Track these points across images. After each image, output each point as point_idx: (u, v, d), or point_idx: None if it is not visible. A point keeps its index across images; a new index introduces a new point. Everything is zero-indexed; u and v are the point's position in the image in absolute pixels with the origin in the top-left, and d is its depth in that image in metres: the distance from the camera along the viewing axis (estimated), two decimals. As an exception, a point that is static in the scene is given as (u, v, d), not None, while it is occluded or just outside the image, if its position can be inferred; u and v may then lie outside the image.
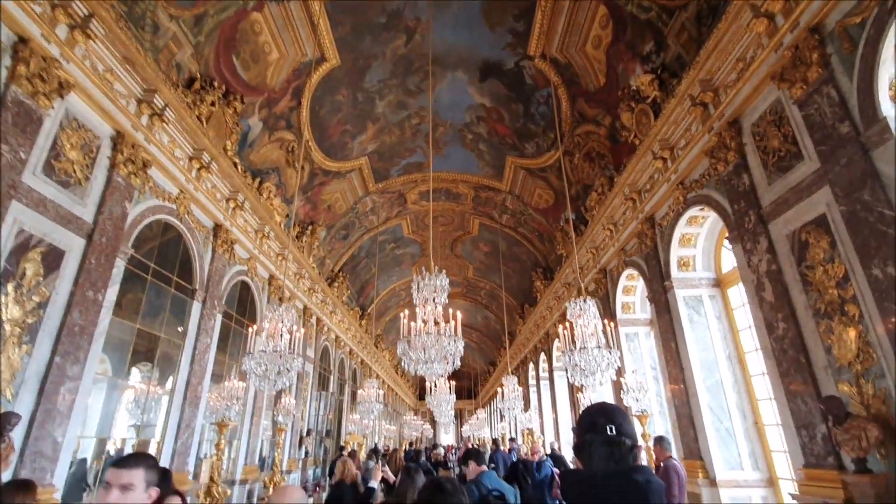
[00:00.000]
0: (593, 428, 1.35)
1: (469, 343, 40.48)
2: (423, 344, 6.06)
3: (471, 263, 23.32)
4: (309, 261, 14.65)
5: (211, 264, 9.37)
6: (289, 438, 13.48)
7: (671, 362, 8.76)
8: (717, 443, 7.70)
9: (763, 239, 6.13)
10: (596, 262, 12.47)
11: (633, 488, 1.20)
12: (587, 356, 6.01)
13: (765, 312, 6.11)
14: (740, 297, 8.17)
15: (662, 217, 9.08)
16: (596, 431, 1.34)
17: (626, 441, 1.33)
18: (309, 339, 15.44)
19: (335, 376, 18.73)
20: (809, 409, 5.39)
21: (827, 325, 5.18)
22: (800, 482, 5.48)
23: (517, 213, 17.23)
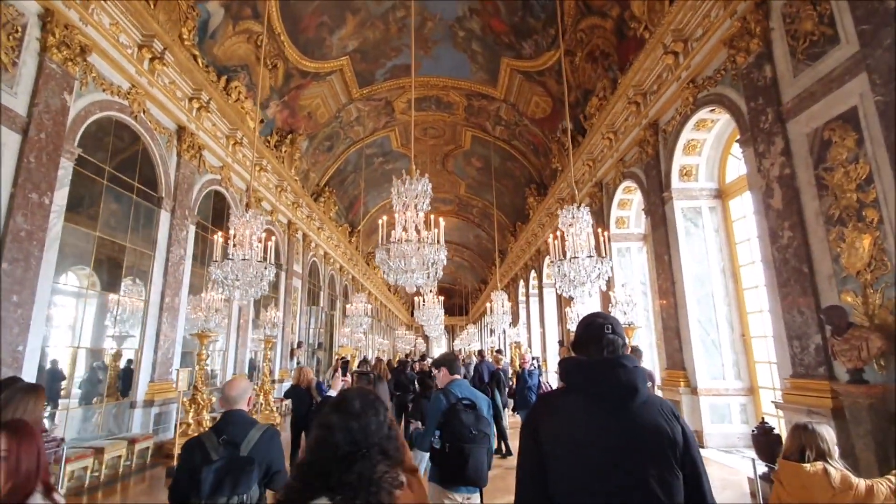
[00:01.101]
0: (591, 328, 1.50)
1: (461, 262, 40.82)
2: (403, 252, 5.65)
3: (463, 180, 22.53)
4: (290, 173, 13.88)
5: (177, 171, 8.67)
6: (279, 350, 13.65)
7: (662, 275, 8.52)
8: (703, 354, 7.67)
9: (779, 140, 5.53)
10: (592, 175, 11.85)
11: (622, 371, 1.35)
12: (577, 266, 5.64)
13: (770, 221, 5.68)
14: (742, 209, 7.73)
15: (668, 122, 8.34)
16: (593, 330, 1.49)
17: (618, 339, 1.47)
18: (296, 254, 15.13)
19: (325, 292, 18.74)
20: (805, 320, 5.15)
21: (838, 233, 4.77)
22: (785, 391, 5.40)
23: (512, 125, 16.22)
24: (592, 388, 1.37)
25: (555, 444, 1.35)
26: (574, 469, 1.31)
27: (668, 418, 1.35)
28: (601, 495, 1.27)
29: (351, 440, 1.16)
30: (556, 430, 1.37)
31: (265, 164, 12.11)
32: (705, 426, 7.38)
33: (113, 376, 7.85)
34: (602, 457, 1.29)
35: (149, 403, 7.50)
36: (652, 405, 1.37)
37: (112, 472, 6.55)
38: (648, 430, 1.31)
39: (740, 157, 7.69)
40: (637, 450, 1.29)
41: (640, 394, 1.35)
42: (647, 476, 1.27)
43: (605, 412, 1.33)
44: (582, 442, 1.31)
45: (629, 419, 1.32)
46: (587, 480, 1.29)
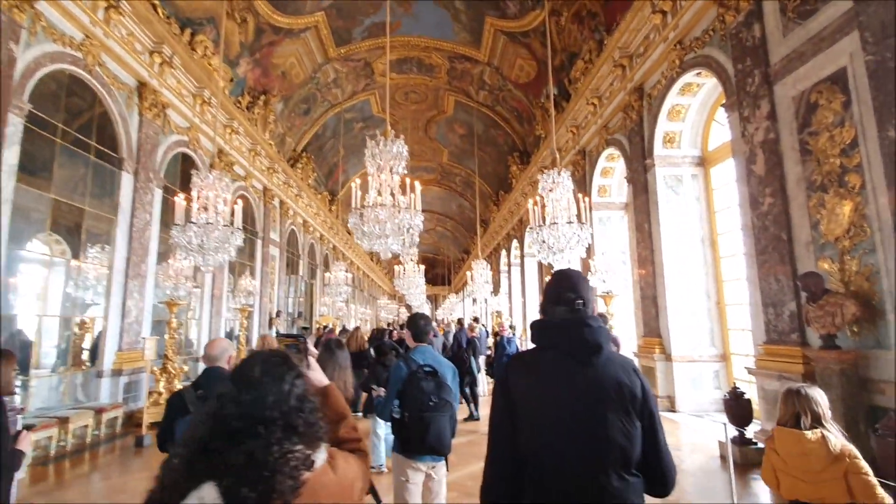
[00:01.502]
0: (558, 300, 1.53)
1: (444, 232, 40.58)
2: (378, 217, 5.43)
3: (445, 147, 22.05)
4: (265, 136, 13.32)
5: (140, 131, 8.17)
6: (257, 320, 13.43)
7: (642, 244, 8.48)
8: (679, 321, 7.72)
9: (765, 103, 5.38)
10: (575, 143, 11.63)
11: (587, 330, 1.43)
12: (557, 232, 5.50)
13: (752, 187, 5.59)
14: (723, 177, 7.65)
15: (653, 86, 8.11)
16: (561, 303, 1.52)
17: (580, 298, 1.52)
18: (272, 221, 14.71)
19: (305, 261, 18.42)
20: (781, 287, 5.14)
21: (819, 199, 4.70)
22: (758, 357, 5.44)
23: (495, 90, 15.77)
24: (561, 346, 1.44)
25: (525, 398, 1.42)
26: (543, 420, 1.39)
27: (628, 374, 1.44)
28: (568, 443, 1.35)
29: (242, 413, 0.94)
30: (527, 386, 1.44)
31: (236, 127, 11.56)
32: (678, 392, 7.51)
33: (79, 345, 7.57)
34: (569, 408, 1.37)
35: (117, 373, 7.28)
36: (614, 362, 1.46)
37: (79, 441, 6.37)
38: (611, 384, 1.39)
39: (724, 123, 7.54)
40: (601, 401, 1.37)
41: (604, 351, 1.44)
42: (610, 425, 1.35)
43: (571, 368, 1.41)
44: (550, 395, 1.39)
45: (594, 374, 1.40)
46: (555, 430, 1.37)
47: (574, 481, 1.35)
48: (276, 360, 1.06)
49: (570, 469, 1.35)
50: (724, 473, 4.84)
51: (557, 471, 1.36)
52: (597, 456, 1.34)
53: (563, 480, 1.35)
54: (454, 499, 4.16)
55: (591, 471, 1.34)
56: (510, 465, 1.42)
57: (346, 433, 1.25)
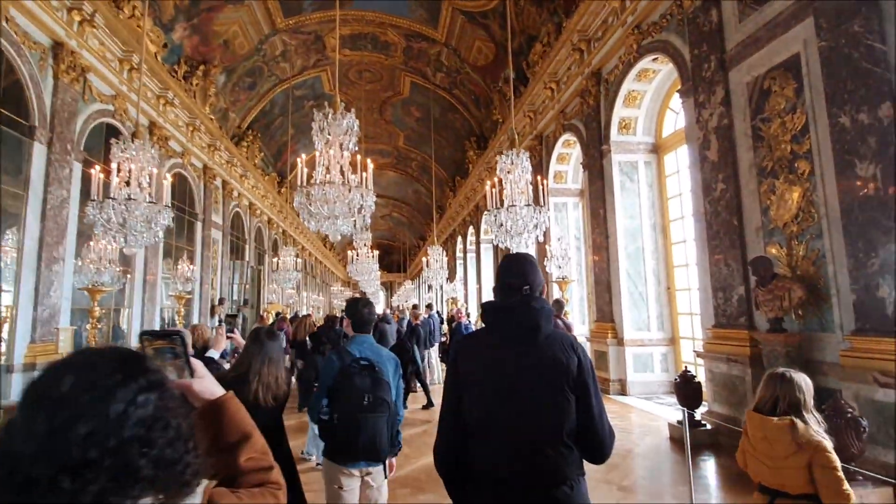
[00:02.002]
0: (505, 284, 1.64)
1: (399, 218, 40.02)
2: (326, 197, 5.03)
3: (402, 131, 21.50)
4: (205, 110, 12.36)
5: (55, 96, 7.24)
6: (197, 307, 12.59)
7: (597, 230, 8.52)
8: (630, 306, 7.83)
9: (719, 89, 5.39)
10: (533, 128, 11.54)
11: (527, 311, 1.53)
12: (515, 215, 5.32)
13: (705, 173, 5.63)
14: (676, 164, 7.76)
15: (610, 71, 8.07)
16: (507, 287, 1.63)
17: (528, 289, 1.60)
18: (214, 203, 13.77)
19: (251, 246, 17.48)
20: (731, 272, 5.22)
21: (770, 185, 4.76)
22: (707, 341, 5.54)
23: (453, 72, 15.41)
24: (504, 327, 1.54)
25: (471, 375, 1.53)
26: (483, 396, 1.48)
27: (565, 350, 1.52)
28: (508, 416, 1.44)
29: (35, 454, 0.59)
30: (473, 364, 1.55)
31: (171, 98, 10.60)
32: (629, 375, 7.64)
33: (-18, 338, 6.69)
34: (509, 384, 1.46)
35: (30, 367, 6.49)
36: (553, 339, 1.54)
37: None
38: (548, 361, 1.47)
39: (678, 110, 7.64)
40: (538, 378, 1.45)
41: (543, 330, 1.51)
42: (543, 399, 1.44)
43: (511, 346, 1.50)
44: (493, 372, 1.48)
45: (533, 352, 1.48)
46: (496, 404, 1.46)
47: (513, 453, 1.43)
48: (103, 366, 0.68)
49: (509, 441, 1.44)
50: (673, 454, 4.91)
51: (498, 443, 1.45)
52: (534, 429, 1.43)
53: (502, 452, 1.44)
54: (406, 496, 3.93)
55: (528, 443, 1.43)
56: (456, 435, 1.53)
57: (250, 461, 0.91)
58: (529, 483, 1.41)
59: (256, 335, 2.23)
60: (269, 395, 2.22)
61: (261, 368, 2.16)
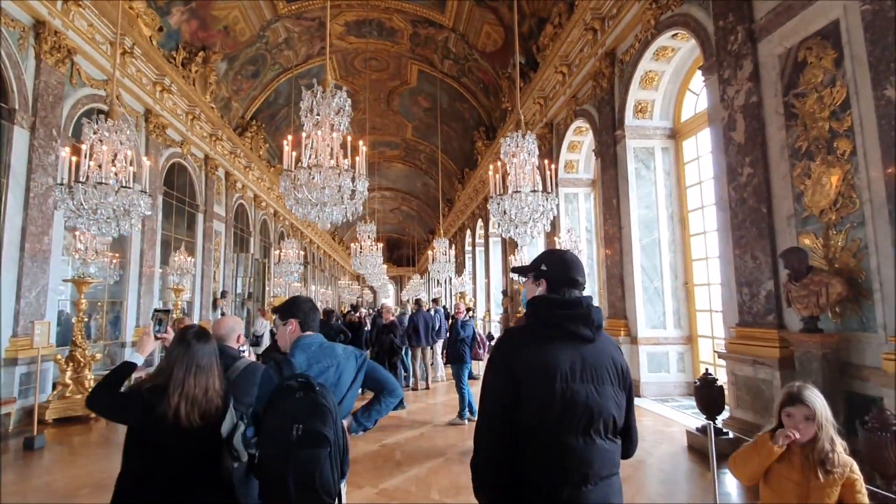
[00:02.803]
0: (569, 281, 1.59)
1: (409, 211, 39.73)
2: (313, 181, 4.65)
3: (409, 122, 21.06)
4: (205, 98, 12.05)
5: (37, 78, 6.96)
6: (199, 300, 12.36)
7: (609, 221, 8.03)
8: (644, 302, 7.35)
9: (747, 63, 4.88)
10: (543, 115, 11.03)
11: (592, 309, 1.53)
12: (520, 202, 4.88)
13: (730, 157, 5.13)
14: (696, 150, 7.24)
15: (625, 51, 7.55)
16: (570, 284, 1.58)
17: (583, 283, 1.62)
18: (217, 194, 13.51)
19: (256, 238, 17.25)
20: (759, 265, 4.73)
21: (804, 168, 4.26)
22: (730, 340, 5.06)
23: (461, 59, 14.92)
24: (568, 324, 1.49)
25: (532, 373, 1.44)
26: (548, 392, 1.42)
27: (618, 351, 1.57)
28: (572, 413, 1.41)
29: None
30: (534, 357, 1.46)
31: (168, 84, 10.30)
32: (642, 375, 7.17)
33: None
34: (575, 380, 1.44)
35: (11, 362, 6.24)
36: (607, 339, 1.57)
37: (-40, 442, 5.39)
38: (608, 360, 1.50)
39: (699, 92, 7.12)
40: (601, 375, 1.47)
41: (602, 329, 1.54)
42: (608, 396, 1.47)
43: (578, 344, 1.48)
44: (558, 368, 1.43)
45: (595, 350, 1.49)
46: (562, 401, 1.41)
47: (572, 446, 1.41)
48: None
49: (571, 434, 1.42)
50: (692, 465, 4.46)
51: (559, 437, 1.42)
52: (595, 423, 1.43)
53: (562, 446, 1.41)
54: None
55: (588, 436, 1.42)
56: (508, 444, 1.43)
57: None
58: (601, 476, 1.42)
59: (182, 336, 1.81)
60: (196, 413, 1.75)
61: (185, 378, 1.72)
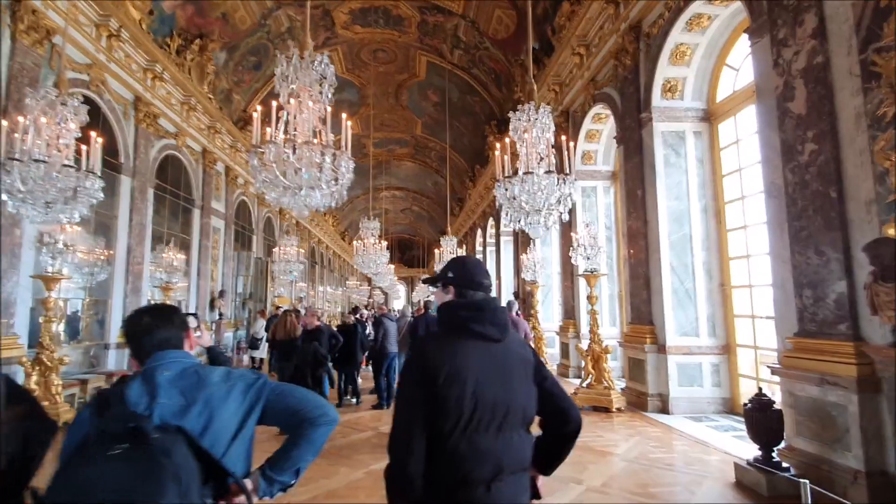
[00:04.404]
0: (475, 284, 1.65)
1: (420, 211, 39.10)
2: (285, 159, 3.93)
3: (419, 117, 20.37)
4: (202, 89, 11.49)
5: (12, 59, 6.43)
6: (194, 300, 11.79)
7: (633, 214, 7.18)
8: (674, 305, 6.49)
9: (810, 17, 4.03)
10: (558, 103, 10.22)
11: (499, 311, 1.58)
12: (532, 185, 4.09)
13: (786, 132, 4.28)
14: (735, 132, 6.37)
15: (653, 23, 6.72)
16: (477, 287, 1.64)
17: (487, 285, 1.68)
18: (215, 189, 12.96)
19: (259, 236, 16.69)
20: (825, 263, 3.87)
21: (890, 139, 3.40)
22: (787, 353, 4.20)
23: (472, 48, 14.18)
24: (477, 326, 1.53)
25: (443, 372, 1.45)
26: (460, 395, 1.43)
27: (524, 347, 1.65)
28: (485, 411, 1.44)
29: None
30: (444, 360, 1.46)
31: (160, 72, 9.73)
32: (672, 389, 6.32)
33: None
34: (486, 380, 1.47)
35: (-31, 365, 5.67)
36: (514, 337, 1.64)
37: None
38: (515, 356, 1.57)
39: (738, 67, 6.26)
40: (510, 372, 1.52)
41: (509, 328, 1.60)
42: (517, 390, 1.52)
43: (487, 344, 1.52)
44: (471, 370, 1.46)
45: (503, 349, 1.55)
46: (470, 402, 1.43)
47: (484, 445, 1.42)
48: None
49: (483, 433, 1.43)
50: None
51: (472, 437, 1.42)
52: (507, 420, 1.46)
53: (474, 445, 1.42)
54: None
55: (500, 432, 1.45)
56: (423, 447, 1.43)
57: None
58: (511, 470, 1.44)
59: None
60: None
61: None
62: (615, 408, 6.52)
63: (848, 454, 3.53)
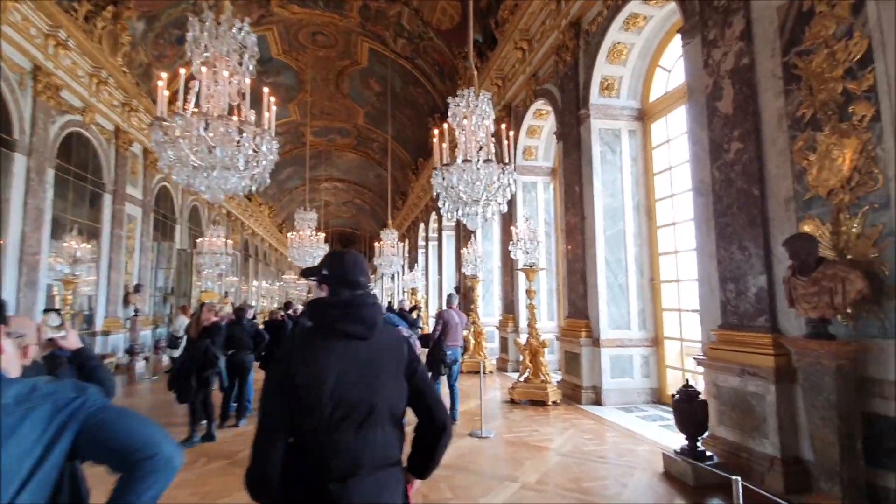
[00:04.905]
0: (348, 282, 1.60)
1: (362, 204, 38.18)
2: (196, 134, 3.49)
3: (361, 107, 19.75)
4: (115, 61, 10.36)
5: None
6: (104, 294, 10.67)
7: (571, 210, 7.26)
8: (608, 300, 6.63)
9: (738, 19, 4.16)
10: (500, 97, 10.18)
11: (368, 309, 1.56)
12: (471, 174, 3.91)
13: (714, 131, 4.40)
14: (665, 132, 6.58)
15: (592, 20, 6.79)
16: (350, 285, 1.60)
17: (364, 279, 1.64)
18: (131, 173, 11.79)
19: (184, 226, 15.47)
20: (748, 258, 4.02)
21: (808, 140, 3.55)
22: (711, 345, 4.34)
23: (415, 38, 13.87)
24: (342, 324, 1.51)
25: (305, 371, 1.45)
26: (320, 394, 1.43)
27: (398, 342, 1.63)
28: (348, 407, 1.44)
29: None
30: (306, 360, 1.48)
31: (65, 39, 8.64)
32: (605, 381, 6.45)
33: None
34: (349, 376, 1.46)
35: None
36: (389, 335, 1.63)
37: None
38: (384, 353, 1.56)
39: (670, 68, 6.45)
40: (376, 369, 1.51)
41: (378, 325, 1.58)
42: (382, 387, 1.50)
43: (352, 343, 1.51)
44: (330, 370, 1.45)
45: (370, 346, 1.53)
46: (330, 401, 1.42)
47: (343, 442, 1.42)
48: None
49: (343, 431, 1.42)
50: (673, 496, 3.67)
51: (331, 435, 1.42)
52: (371, 416, 1.45)
53: (333, 444, 1.41)
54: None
55: (361, 429, 1.44)
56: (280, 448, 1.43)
57: None
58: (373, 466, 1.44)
59: None
60: None
61: None
62: (551, 401, 6.57)
63: (766, 441, 3.68)
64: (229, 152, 3.52)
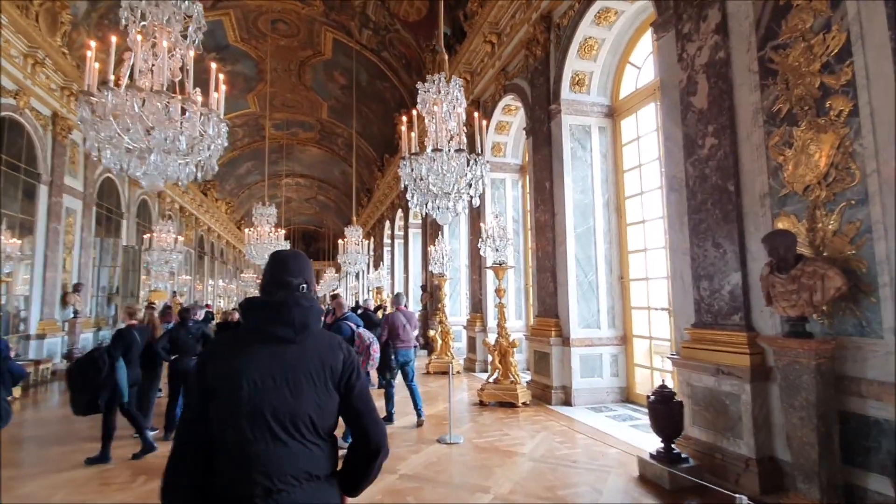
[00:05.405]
0: (281, 283, 1.51)
1: (326, 202, 37.24)
2: (130, 112, 3.08)
3: (325, 100, 19.12)
4: (54, 42, 9.50)
5: None
6: (38, 294, 9.78)
7: (542, 206, 7.13)
8: (578, 298, 6.53)
9: (714, 12, 4.09)
10: (469, 92, 9.96)
11: (296, 310, 1.45)
12: (441, 165, 3.66)
13: (688, 126, 4.33)
14: (635, 129, 6.54)
15: (563, 14, 6.67)
16: (283, 286, 1.50)
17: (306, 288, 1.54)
18: (71, 163, 10.87)
19: (131, 221, 14.48)
20: (722, 255, 3.95)
21: (784, 135, 3.49)
22: (684, 344, 4.26)
23: (381, 30, 13.48)
24: (268, 325, 1.43)
25: (222, 376, 1.38)
26: (234, 399, 1.35)
27: (333, 349, 1.49)
28: (265, 414, 1.34)
29: None
30: (224, 364, 1.40)
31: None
32: (574, 381, 6.35)
33: None
34: (269, 381, 1.37)
35: None
36: (321, 339, 1.50)
37: None
38: (312, 359, 1.44)
39: (640, 65, 6.41)
40: (298, 376, 1.40)
41: (311, 329, 1.47)
42: (304, 396, 1.39)
43: (276, 345, 1.42)
44: (247, 375, 1.37)
45: (297, 351, 1.43)
46: (246, 407, 1.34)
47: (257, 453, 1.32)
48: None
49: (257, 441, 1.33)
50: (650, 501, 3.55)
51: (245, 445, 1.33)
52: (287, 427, 1.36)
53: (247, 454, 1.32)
54: None
55: (278, 440, 1.35)
56: (200, 452, 1.37)
57: None
58: (292, 479, 1.33)
59: None
60: None
61: None
62: (521, 402, 6.41)
63: (740, 442, 3.61)
64: (170, 134, 3.12)
